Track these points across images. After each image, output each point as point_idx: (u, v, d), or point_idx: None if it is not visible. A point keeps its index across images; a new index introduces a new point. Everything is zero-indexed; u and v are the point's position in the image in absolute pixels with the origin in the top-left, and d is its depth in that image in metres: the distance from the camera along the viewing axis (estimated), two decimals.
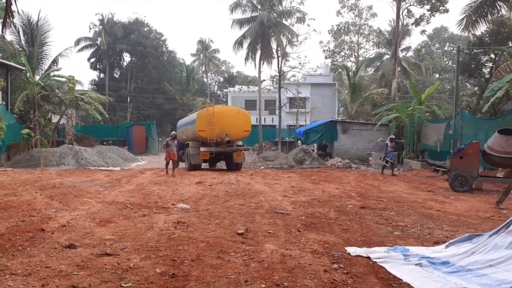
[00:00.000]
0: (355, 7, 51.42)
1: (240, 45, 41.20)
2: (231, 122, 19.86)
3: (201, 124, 19.53)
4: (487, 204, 10.82)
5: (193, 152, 19.59)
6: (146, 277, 4.82)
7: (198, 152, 19.47)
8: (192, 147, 19.75)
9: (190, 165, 19.75)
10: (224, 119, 19.78)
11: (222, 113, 20.02)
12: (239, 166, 20.54)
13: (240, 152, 20.16)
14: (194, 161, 19.57)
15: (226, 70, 71.77)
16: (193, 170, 19.33)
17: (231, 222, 7.96)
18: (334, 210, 9.62)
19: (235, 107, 22.54)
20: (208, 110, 19.89)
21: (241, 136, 20.59)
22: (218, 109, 20.44)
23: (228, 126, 19.66)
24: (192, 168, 19.67)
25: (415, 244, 6.61)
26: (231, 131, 19.66)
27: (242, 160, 20.37)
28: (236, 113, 20.57)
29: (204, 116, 19.67)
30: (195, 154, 19.55)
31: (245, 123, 20.39)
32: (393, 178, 17.30)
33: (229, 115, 20.20)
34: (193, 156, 19.57)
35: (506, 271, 4.92)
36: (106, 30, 49.26)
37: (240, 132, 20.21)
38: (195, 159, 19.56)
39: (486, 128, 17.67)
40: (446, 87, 52.01)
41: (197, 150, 19.56)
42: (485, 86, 23.88)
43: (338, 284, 4.77)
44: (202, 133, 19.44)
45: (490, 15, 24.39)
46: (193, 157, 19.56)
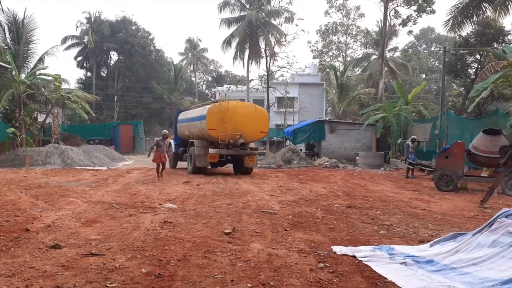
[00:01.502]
0: (343, 7, 51.66)
1: (228, 44, 41.19)
2: (247, 121, 17.18)
3: (212, 121, 16.74)
4: (472, 203, 10.96)
5: (199, 153, 17.31)
6: (132, 277, 4.80)
7: (205, 153, 17.12)
8: (198, 147, 17.38)
9: (194, 167, 17.57)
10: (239, 117, 17.06)
11: (237, 110, 17.19)
12: (249, 170, 18.13)
13: (254, 155, 17.84)
14: (200, 163, 17.34)
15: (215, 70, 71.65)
16: (198, 173, 17.42)
17: (218, 222, 7.96)
18: (321, 209, 9.67)
19: (252, 104, 19.91)
20: (221, 105, 17.00)
21: (256, 138, 18.32)
22: (233, 105, 17.40)
23: (242, 126, 17.04)
24: (197, 170, 17.55)
25: (401, 243, 6.68)
26: (246, 132, 17.06)
27: (254, 164, 18.03)
28: (253, 110, 17.74)
29: (216, 113, 16.84)
30: (201, 155, 17.27)
31: (262, 123, 17.85)
32: (379, 177, 17.42)
33: (245, 113, 17.37)
34: (198, 157, 17.29)
35: (489, 269, 5.00)
36: (93, 29, 48.83)
37: (255, 133, 17.65)
38: (201, 161, 17.31)
39: (472, 128, 17.89)
40: (433, 87, 52.52)
41: (204, 150, 17.23)
42: (471, 86, 24.16)
43: (323, 283, 4.80)
44: (213, 132, 16.78)
45: (475, 16, 24.67)
46: (198, 158, 17.29)
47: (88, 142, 33.56)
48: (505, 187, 12.68)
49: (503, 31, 25.05)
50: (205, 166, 17.71)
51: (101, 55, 52.35)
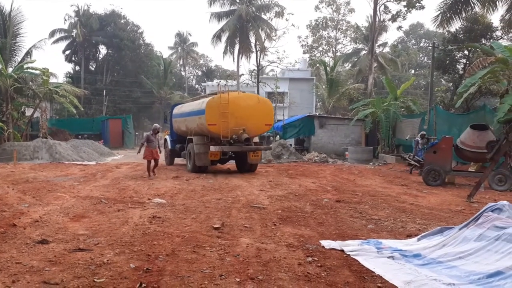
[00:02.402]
0: (333, 2, 51.69)
1: (218, 38, 41.06)
2: (250, 114, 15.69)
3: (211, 116, 15.24)
4: (459, 198, 11.07)
5: (199, 151, 15.87)
6: (120, 272, 4.79)
7: (205, 151, 15.72)
8: (197, 144, 15.95)
9: (194, 166, 16.07)
10: (241, 110, 15.58)
11: (238, 102, 15.72)
12: (254, 167, 16.90)
13: (259, 151, 16.69)
14: (200, 161, 15.89)
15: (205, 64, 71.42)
16: (198, 172, 15.93)
17: (207, 217, 7.95)
18: (310, 204, 9.70)
19: (254, 95, 17.88)
20: (221, 98, 15.38)
21: (261, 131, 16.77)
22: (234, 97, 15.84)
23: (246, 119, 15.52)
24: (197, 169, 16.04)
25: (388, 237, 6.73)
26: (249, 126, 15.53)
27: (258, 160, 16.81)
28: (255, 102, 16.24)
29: (215, 106, 15.29)
30: (201, 153, 15.84)
31: (267, 115, 16.30)
32: (368, 172, 17.52)
33: (248, 105, 15.90)
34: (198, 155, 15.85)
35: (475, 262, 5.06)
36: (81, 22, 48.32)
37: (260, 126, 16.17)
38: (201, 159, 15.87)
39: (460, 123, 18.05)
40: (422, 82, 52.85)
41: (204, 148, 15.82)
42: (459, 82, 24.34)
43: (311, 277, 4.83)
44: (213, 128, 15.26)
45: (464, 12, 24.82)
46: (198, 156, 15.85)
47: (77, 137, 33.31)
48: (491, 182, 12.82)
49: (491, 27, 25.26)
50: (206, 164, 16.27)
51: (89, 49, 51.86)
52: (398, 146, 24.81)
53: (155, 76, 53.99)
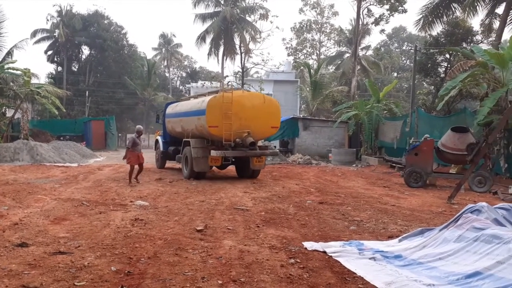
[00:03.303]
0: (317, 5, 51.99)
1: (203, 40, 41.00)
2: (255, 115, 14.19)
3: (213, 116, 13.73)
4: (440, 199, 11.23)
5: (198, 155, 14.23)
6: (101, 275, 4.74)
7: (204, 155, 14.17)
8: (195, 148, 14.31)
9: (192, 172, 14.45)
10: (245, 110, 14.05)
11: (243, 102, 14.16)
12: (256, 173, 15.38)
13: (264, 156, 15.04)
14: (199, 167, 14.28)
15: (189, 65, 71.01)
16: (195, 179, 14.35)
17: (190, 219, 7.93)
18: (293, 205, 9.75)
19: (260, 94, 16.08)
20: (224, 97, 13.84)
21: (267, 134, 15.36)
22: (238, 96, 14.26)
23: (250, 121, 14.06)
24: (194, 175, 14.46)
25: (370, 238, 6.80)
26: (254, 128, 14.06)
27: (262, 166, 15.12)
28: (261, 102, 14.61)
29: (217, 106, 13.78)
30: (200, 157, 14.23)
31: (274, 117, 14.78)
32: (351, 174, 17.65)
33: (253, 105, 14.33)
34: (197, 160, 14.21)
35: (454, 263, 5.13)
36: (64, 22, 47.69)
37: (266, 129, 14.68)
38: (200, 164, 14.26)
39: (441, 126, 18.31)
40: (404, 85, 53.43)
41: (203, 152, 14.25)
42: (440, 85, 24.69)
43: (294, 278, 4.85)
44: (214, 130, 13.78)
45: (445, 16, 25.29)
46: (197, 162, 14.22)
47: (58, 138, 32.84)
48: (472, 183, 13.03)
49: (472, 31, 25.73)
50: (205, 170, 14.70)
51: (72, 49, 51.23)
52: (380, 148, 25.05)
53: (139, 77, 53.57)
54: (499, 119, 13.77)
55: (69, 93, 40.17)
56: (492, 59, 15.13)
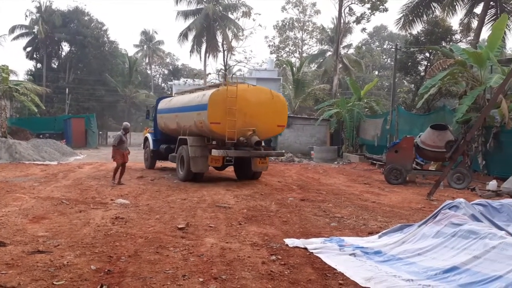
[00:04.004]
0: (299, 3, 52.18)
1: (185, 37, 40.75)
2: (261, 112, 13.03)
3: (215, 112, 12.49)
4: (419, 196, 11.40)
5: (195, 154, 13.07)
6: (80, 274, 4.69)
7: (203, 155, 13.07)
8: (193, 147, 13.15)
9: (188, 173, 13.22)
10: (251, 106, 12.91)
11: (248, 97, 12.95)
12: (258, 174, 14.30)
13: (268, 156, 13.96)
14: (197, 167, 13.08)
15: (171, 63, 70.55)
16: (192, 181, 13.18)
17: (172, 217, 7.89)
18: (276, 203, 9.78)
19: (266, 88, 14.36)
20: (229, 91, 12.64)
21: (272, 133, 14.32)
22: (243, 90, 12.92)
23: (256, 118, 12.88)
24: (191, 177, 13.24)
25: (350, 234, 6.87)
26: (260, 126, 12.87)
27: (265, 167, 13.90)
28: (268, 97, 13.39)
29: (220, 101, 12.55)
30: (198, 157, 13.08)
31: (280, 114, 13.65)
32: (333, 171, 17.78)
33: (259, 101, 13.16)
34: (195, 160, 13.03)
35: (433, 258, 5.22)
36: (43, 18, 46.88)
37: (272, 127, 13.54)
38: (198, 165, 13.08)
39: (421, 124, 18.58)
40: (385, 84, 54.01)
41: (201, 151, 13.13)
42: (420, 83, 25.03)
43: (275, 275, 4.87)
44: (216, 127, 12.56)
45: (425, 15, 25.65)
46: (195, 161, 13.03)
47: (38, 136, 32.27)
48: (450, 180, 13.25)
49: (451, 31, 26.13)
50: (204, 171, 13.51)
51: (52, 46, 50.41)
52: (361, 146, 25.31)
53: (120, 75, 53.01)
54: (477, 117, 14.04)
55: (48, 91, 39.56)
56: (470, 58, 15.41)
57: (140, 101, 53.06)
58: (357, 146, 25.40)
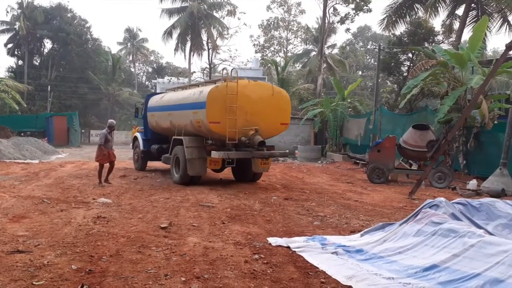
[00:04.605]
0: (284, 3, 52.25)
1: (169, 35, 40.55)
2: (263, 109, 12.10)
3: (214, 110, 11.52)
4: (401, 195, 11.53)
5: (193, 156, 12.09)
6: (61, 274, 4.64)
7: (201, 157, 12.14)
8: (190, 148, 12.16)
9: (185, 176, 12.26)
10: (252, 103, 11.96)
11: (249, 94, 11.99)
12: (258, 176, 13.56)
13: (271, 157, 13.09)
14: (194, 170, 12.12)
15: (155, 61, 70.04)
16: (189, 184, 12.25)
17: (155, 216, 7.85)
18: (259, 202, 9.80)
19: (268, 84, 13.45)
20: (229, 87, 11.66)
21: (276, 132, 13.08)
22: (243, 86, 11.98)
23: (258, 116, 11.99)
24: (188, 180, 12.32)
25: (333, 233, 6.92)
26: (262, 125, 11.95)
27: (267, 168, 13.20)
28: (269, 94, 12.42)
29: (220, 98, 11.56)
30: (195, 159, 12.10)
31: (283, 112, 12.63)
32: (316, 170, 17.86)
33: (260, 98, 12.19)
34: (191, 162, 12.05)
35: (413, 257, 5.29)
36: (25, 15, 46.18)
37: (275, 126, 12.57)
38: (196, 167, 12.13)
39: (403, 123, 18.77)
40: (368, 84, 54.50)
41: (199, 152, 12.16)
42: (403, 83, 25.30)
43: (257, 274, 4.89)
44: (216, 127, 11.59)
45: (408, 16, 25.96)
46: (192, 164, 12.06)
47: (19, 134, 31.77)
48: (432, 179, 13.42)
49: (433, 32, 26.48)
50: (201, 174, 12.57)
51: (33, 43, 49.70)
52: (345, 145, 25.48)
53: (103, 72, 52.51)
54: (458, 117, 14.25)
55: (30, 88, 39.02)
56: (452, 59, 15.63)
57: (123, 99, 52.63)
58: (341, 145, 25.57)
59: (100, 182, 12.03)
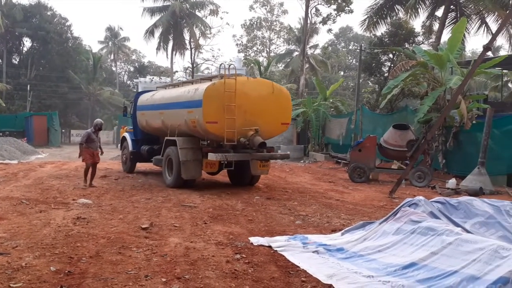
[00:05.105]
0: (267, 3, 52.32)
1: (151, 34, 40.29)
2: (263, 108, 11.38)
3: (211, 110, 10.78)
4: (382, 194, 11.66)
5: (187, 158, 11.33)
6: (39, 276, 4.58)
7: (196, 159, 11.44)
8: (184, 149, 11.40)
9: (178, 180, 11.58)
10: (252, 102, 11.27)
11: (248, 92, 11.27)
12: (256, 179, 12.75)
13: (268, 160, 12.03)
14: (188, 173, 11.39)
15: (137, 60, 69.44)
16: (182, 188, 11.52)
17: (136, 217, 7.79)
18: (241, 201, 9.80)
19: (267, 81, 12.70)
20: (227, 84, 10.88)
21: (276, 133, 12.57)
22: (242, 83, 11.27)
23: (258, 116, 11.26)
24: (181, 184, 11.63)
25: (314, 232, 6.96)
26: (262, 125, 11.20)
27: (266, 171, 12.27)
28: (269, 91, 11.63)
29: (217, 96, 10.83)
30: (190, 161, 11.37)
31: (284, 111, 11.94)
32: (299, 170, 17.94)
33: (260, 96, 11.47)
34: (186, 165, 11.32)
35: (393, 255, 5.35)
36: (3, 12, 45.27)
37: (276, 125, 11.86)
38: (190, 170, 11.40)
39: (384, 123, 18.98)
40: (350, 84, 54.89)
41: (194, 154, 11.44)
42: (384, 84, 25.54)
43: (238, 274, 4.90)
44: (213, 128, 10.88)
45: (389, 17, 26.23)
46: (186, 166, 11.31)
47: None
48: (412, 178, 13.59)
49: (414, 33, 26.79)
50: (196, 177, 11.87)
51: (12, 41, 48.85)
52: (327, 145, 25.63)
53: (84, 71, 51.87)
54: (437, 117, 14.47)
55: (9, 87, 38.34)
56: (431, 59, 15.86)
57: (104, 99, 52.10)
58: (323, 145, 25.72)
59: (85, 182, 11.64)
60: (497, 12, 21.62)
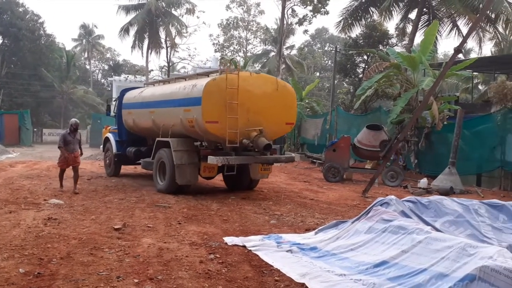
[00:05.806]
0: (243, 3, 52.30)
1: (126, 32, 39.76)
2: (267, 107, 10.40)
3: (212, 108, 9.76)
4: (355, 193, 11.81)
5: (182, 162, 10.28)
6: (7, 278, 4.49)
7: (192, 162, 10.42)
8: (179, 152, 10.34)
9: (172, 184, 10.50)
10: (255, 100, 10.26)
11: (251, 89, 10.22)
12: (255, 183, 11.94)
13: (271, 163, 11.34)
14: (184, 178, 10.35)
15: (112, 58, 68.46)
16: (177, 194, 10.44)
17: (108, 218, 7.69)
18: (216, 201, 9.77)
19: (271, 77, 11.85)
20: (229, 80, 9.81)
21: (281, 133, 11.80)
22: (245, 79, 10.19)
23: (262, 115, 10.28)
24: (175, 189, 10.55)
25: (289, 231, 7.01)
26: (266, 124, 10.21)
27: (266, 175, 11.68)
28: (274, 88, 10.62)
29: (218, 93, 9.79)
30: (185, 165, 10.32)
31: (289, 109, 11.02)
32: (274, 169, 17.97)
33: (264, 93, 10.48)
34: (181, 169, 10.28)
35: (364, 253, 5.43)
36: None
37: (280, 125, 10.93)
38: (186, 174, 10.37)
39: (358, 124, 19.24)
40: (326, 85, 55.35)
41: (190, 157, 10.43)
42: (358, 85, 25.88)
43: (212, 274, 4.89)
44: (214, 128, 9.85)
45: (364, 19, 26.59)
46: (181, 171, 10.29)
47: None
48: (385, 178, 13.82)
49: (387, 35, 27.24)
50: (191, 183, 10.75)
51: None
52: (302, 145, 25.81)
53: (57, 69, 50.84)
54: (410, 118, 14.73)
55: None
56: (404, 61, 16.15)
57: (78, 97, 51.20)
58: (299, 145, 25.89)
59: (61, 187, 10.86)
60: (468, 15, 22.16)
